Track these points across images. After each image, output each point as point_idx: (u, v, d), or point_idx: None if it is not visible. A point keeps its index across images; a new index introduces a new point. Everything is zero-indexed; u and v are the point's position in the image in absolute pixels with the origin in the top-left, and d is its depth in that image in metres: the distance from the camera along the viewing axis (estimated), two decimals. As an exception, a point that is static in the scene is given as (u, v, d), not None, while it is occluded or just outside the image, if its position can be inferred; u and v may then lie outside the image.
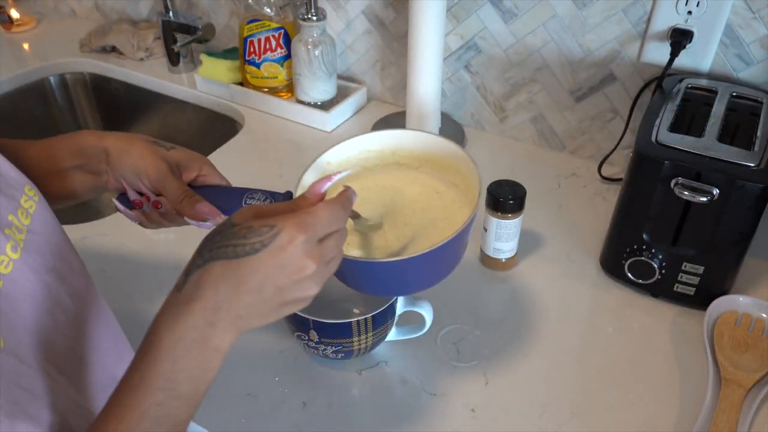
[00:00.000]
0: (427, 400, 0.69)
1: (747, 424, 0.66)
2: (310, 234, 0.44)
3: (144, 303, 0.80)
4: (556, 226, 0.92)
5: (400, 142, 0.67)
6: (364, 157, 0.67)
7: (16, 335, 0.43)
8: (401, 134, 0.67)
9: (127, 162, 0.60)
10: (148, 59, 1.36)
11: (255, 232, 0.43)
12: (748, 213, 0.70)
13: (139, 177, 0.60)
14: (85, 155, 0.61)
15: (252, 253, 0.42)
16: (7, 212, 0.44)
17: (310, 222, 0.44)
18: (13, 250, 0.43)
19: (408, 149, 0.67)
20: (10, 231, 0.43)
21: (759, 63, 0.87)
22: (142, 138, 0.62)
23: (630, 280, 0.80)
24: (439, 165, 0.66)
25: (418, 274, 0.58)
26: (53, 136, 0.62)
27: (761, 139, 0.73)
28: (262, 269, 0.43)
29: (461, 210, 0.63)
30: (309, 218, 0.44)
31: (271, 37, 1.13)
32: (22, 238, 0.44)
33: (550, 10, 0.96)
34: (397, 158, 0.67)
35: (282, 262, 0.43)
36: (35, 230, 0.47)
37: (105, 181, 0.62)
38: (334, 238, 0.47)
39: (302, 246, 0.43)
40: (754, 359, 0.71)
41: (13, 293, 0.42)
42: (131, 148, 0.60)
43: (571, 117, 1.04)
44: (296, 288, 0.44)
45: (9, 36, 1.48)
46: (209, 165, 0.64)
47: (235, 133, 1.15)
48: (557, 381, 0.71)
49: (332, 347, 0.68)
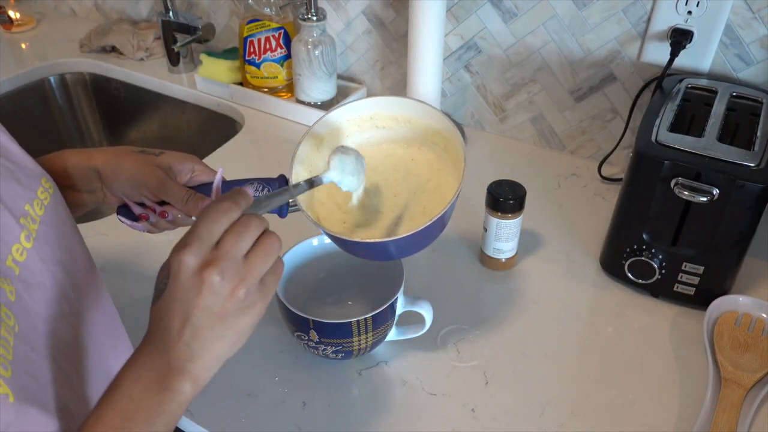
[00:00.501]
0: (427, 400, 0.69)
1: (747, 424, 0.66)
2: (194, 246, 0.42)
3: (144, 303, 0.80)
4: (556, 226, 0.92)
5: (377, 106, 0.67)
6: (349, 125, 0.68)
7: (29, 321, 0.44)
8: (378, 101, 0.67)
9: (122, 178, 0.60)
10: (148, 59, 1.36)
11: (162, 269, 0.44)
12: (748, 213, 0.70)
13: (138, 189, 0.60)
14: (72, 176, 0.61)
15: (164, 289, 0.43)
16: (23, 202, 0.45)
17: (189, 236, 0.43)
18: (26, 240, 0.43)
19: (385, 113, 0.67)
20: (25, 221, 0.44)
21: (759, 63, 0.87)
22: (129, 150, 0.62)
23: (630, 280, 0.80)
24: (416, 125, 0.67)
25: (417, 240, 0.61)
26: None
27: (761, 139, 0.73)
28: (176, 300, 0.42)
29: (441, 172, 0.66)
30: (188, 235, 0.43)
31: (271, 37, 1.13)
32: (35, 228, 0.45)
33: (550, 10, 0.96)
34: (375, 122, 0.68)
35: (185, 285, 0.42)
36: (47, 222, 0.47)
37: (100, 198, 0.62)
38: (257, 249, 0.45)
39: (193, 262, 0.42)
40: (754, 359, 0.71)
41: (28, 280, 0.42)
42: (122, 162, 0.60)
43: (571, 117, 1.04)
44: (222, 300, 0.43)
45: (9, 36, 1.48)
46: (199, 162, 0.64)
47: (235, 133, 1.15)
48: (557, 381, 0.71)
49: (332, 347, 0.68)
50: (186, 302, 0.42)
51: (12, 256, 0.41)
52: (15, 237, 0.43)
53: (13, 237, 0.42)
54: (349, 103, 0.66)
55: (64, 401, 0.45)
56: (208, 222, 0.43)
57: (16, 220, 0.43)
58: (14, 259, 0.42)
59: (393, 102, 0.67)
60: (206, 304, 0.42)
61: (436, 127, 0.66)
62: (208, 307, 0.42)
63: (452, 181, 0.65)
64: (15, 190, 0.44)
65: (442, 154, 0.67)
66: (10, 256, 0.41)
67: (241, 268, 0.43)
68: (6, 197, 0.42)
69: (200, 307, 0.42)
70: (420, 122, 0.67)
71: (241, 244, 0.44)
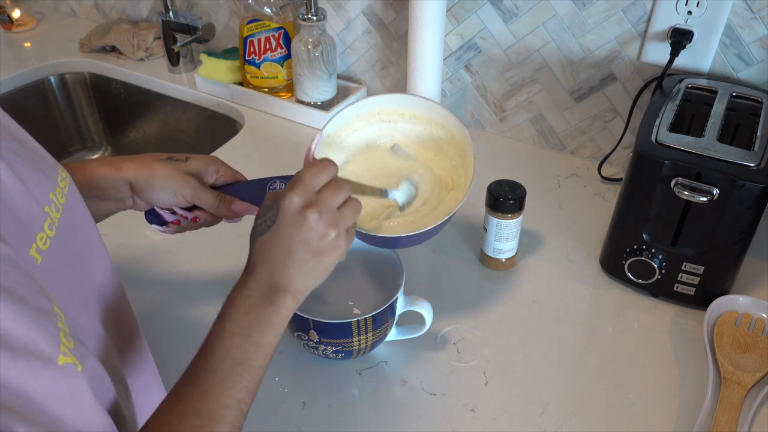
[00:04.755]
0: (427, 400, 0.69)
1: (747, 424, 0.66)
2: (300, 189, 0.52)
3: (144, 303, 0.80)
4: (556, 226, 0.92)
5: (386, 102, 0.72)
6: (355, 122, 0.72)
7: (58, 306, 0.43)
8: (388, 98, 0.72)
9: (157, 188, 0.64)
10: (148, 59, 1.36)
11: (267, 208, 0.53)
12: (748, 213, 0.70)
13: (173, 198, 0.64)
14: (99, 186, 0.63)
15: (271, 225, 0.52)
16: (48, 190, 0.45)
17: (296, 182, 0.53)
18: (50, 228, 0.44)
19: (392, 108, 0.72)
20: (49, 209, 0.44)
21: (759, 63, 0.87)
22: (158, 158, 0.65)
23: (630, 280, 0.80)
24: (422, 118, 0.71)
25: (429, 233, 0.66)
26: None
27: (761, 139, 0.73)
28: (282, 233, 0.51)
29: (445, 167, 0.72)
30: (295, 181, 0.53)
31: (271, 37, 1.13)
32: (58, 217, 0.45)
33: (550, 10, 0.96)
34: (381, 117, 0.72)
35: (290, 221, 0.51)
36: (68, 210, 0.47)
37: (129, 205, 0.66)
38: (346, 206, 0.55)
39: (299, 201, 0.52)
40: (754, 359, 0.71)
41: (50, 269, 0.42)
42: (155, 173, 0.64)
43: (571, 117, 1.04)
44: (318, 237, 0.52)
45: (9, 36, 1.48)
46: (222, 164, 0.68)
47: (235, 133, 1.15)
48: (557, 381, 0.71)
49: (332, 347, 0.68)
50: (289, 236, 0.51)
51: (36, 245, 0.42)
52: (40, 225, 0.43)
53: (38, 226, 0.42)
54: (356, 103, 0.70)
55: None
56: (313, 173, 0.53)
57: (41, 208, 0.43)
58: (38, 248, 0.42)
59: (399, 98, 0.72)
60: (305, 238, 0.51)
61: (440, 121, 0.70)
62: (306, 241, 0.51)
63: (455, 176, 0.70)
64: (40, 178, 0.45)
65: (448, 150, 0.70)
66: (34, 245, 0.41)
67: (334, 215, 0.53)
68: (33, 185, 0.43)
69: (300, 240, 0.51)
70: (424, 116, 0.71)
71: (337, 196, 0.53)
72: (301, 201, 0.52)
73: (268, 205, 0.53)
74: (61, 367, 0.37)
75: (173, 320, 0.78)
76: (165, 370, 0.64)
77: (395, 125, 0.72)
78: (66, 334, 0.39)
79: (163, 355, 0.72)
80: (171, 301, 0.81)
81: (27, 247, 0.40)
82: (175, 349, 0.73)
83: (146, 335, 0.61)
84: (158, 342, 0.74)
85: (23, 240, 0.40)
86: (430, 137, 0.72)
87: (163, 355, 0.71)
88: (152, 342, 0.63)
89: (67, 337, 0.39)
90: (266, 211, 0.53)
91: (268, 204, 0.53)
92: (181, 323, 0.78)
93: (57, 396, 0.36)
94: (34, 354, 0.35)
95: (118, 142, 1.45)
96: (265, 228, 0.52)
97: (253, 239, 0.53)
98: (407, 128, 0.72)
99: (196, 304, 0.80)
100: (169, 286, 0.83)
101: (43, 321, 0.37)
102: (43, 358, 0.36)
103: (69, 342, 0.39)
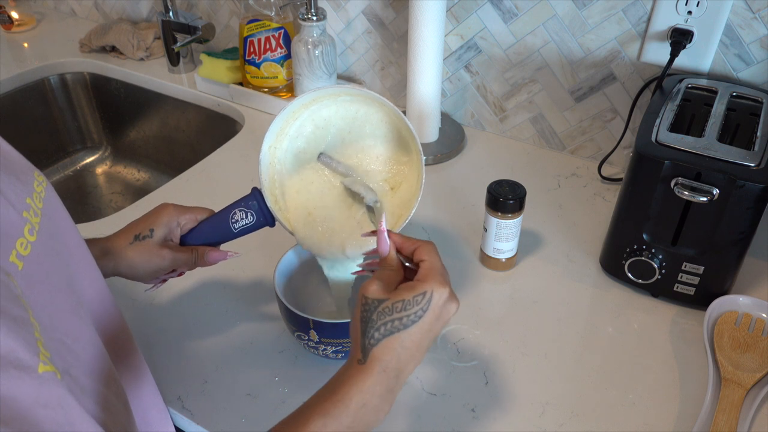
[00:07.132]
0: (427, 400, 0.69)
1: (747, 424, 0.66)
2: (448, 282, 0.53)
3: (144, 302, 0.80)
4: (556, 226, 0.92)
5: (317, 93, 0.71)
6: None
7: (34, 315, 0.43)
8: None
9: (140, 273, 0.66)
10: (148, 59, 1.36)
11: (412, 303, 0.51)
12: (748, 213, 0.70)
13: (157, 273, 0.67)
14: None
15: (417, 320, 0.51)
16: (24, 195, 0.45)
17: (441, 273, 0.53)
18: (30, 233, 0.43)
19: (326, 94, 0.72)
20: (27, 214, 0.44)
21: (759, 63, 0.87)
22: (126, 242, 0.66)
23: (630, 280, 0.80)
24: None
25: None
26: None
27: (761, 139, 0.73)
28: (426, 328, 0.51)
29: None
30: (439, 271, 0.53)
31: (271, 37, 1.13)
32: (38, 222, 0.45)
33: (550, 10, 0.96)
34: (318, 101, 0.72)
35: (438, 315, 0.52)
36: (48, 215, 0.47)
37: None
38: None
39: (447, 293, 0.52)
40: (754, 359, 0.71)
41: (32, 275, 0.42)
42: (133, 263, 0.66)
43: (571, 117, 1.04)
44: (444, 325, 0.53)
45: (9, 36, 1.48)
46: (178, 210, 0.68)
47: (235, 133, 1.15)
48: (557, 381, 0.71)
49: (332, 347, 0.68)
50: (435, 330, 0.52)
51: (16, 251, 0.41)
52: (20, 231, 0.43)
53: (17, 231, 0.42)
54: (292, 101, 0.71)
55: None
56: (437, 257, 0.54)
57: (18, 213, 0.43)
58: (18, 254, 0.42)
59: (332, 89, 0.71)
60: (440, 328, 0.53)
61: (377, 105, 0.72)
62: (439, 331, 0.53)
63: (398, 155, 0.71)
64: (15, 183, 0.44)
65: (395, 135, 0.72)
66: (14, 251, 0.41)
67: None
68: (7, 191, 0.42)
69: (437, 333, 0.53)
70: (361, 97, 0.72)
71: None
72: (449, 292, 0.52)
73: (407, 300, 0.51)
74: (42, 375, 0.36)
75: (167, 324, 0.78)
76: (158, 373, 0.63)
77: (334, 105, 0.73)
78: (42, 343, 0.38)
79: (156, 359, 0.72)
80: (164, 306, 0.81)
81: (6, 254, 0.40)
82: (169, 354, 0.73)
83: (138, 340, 0.61)
84: (151, 346, 0.74)
85: (2, 247, 0.40)
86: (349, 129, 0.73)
87: (156, 360, 0.71)
88: (144, 346, 0.63)
89: (45, 346, 0.39)
90: (408, 305, 0.51)
91: (407, 298, 0.51)
92: (174, 328, 0.78)
93: (42, 404, 0.36)
94: (13, 363, 0.35)
95: (118, 142, 1.45)
96: (409, 323, 0.51)
97: (383, 336, 0.51)
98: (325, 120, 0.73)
99: (190, 309, 0.80)
100: (168, 286, 0.83)
101: (21, 330, 0.36)
102: (24, 367, 0.35)
103: (46, 351, 0.38)
